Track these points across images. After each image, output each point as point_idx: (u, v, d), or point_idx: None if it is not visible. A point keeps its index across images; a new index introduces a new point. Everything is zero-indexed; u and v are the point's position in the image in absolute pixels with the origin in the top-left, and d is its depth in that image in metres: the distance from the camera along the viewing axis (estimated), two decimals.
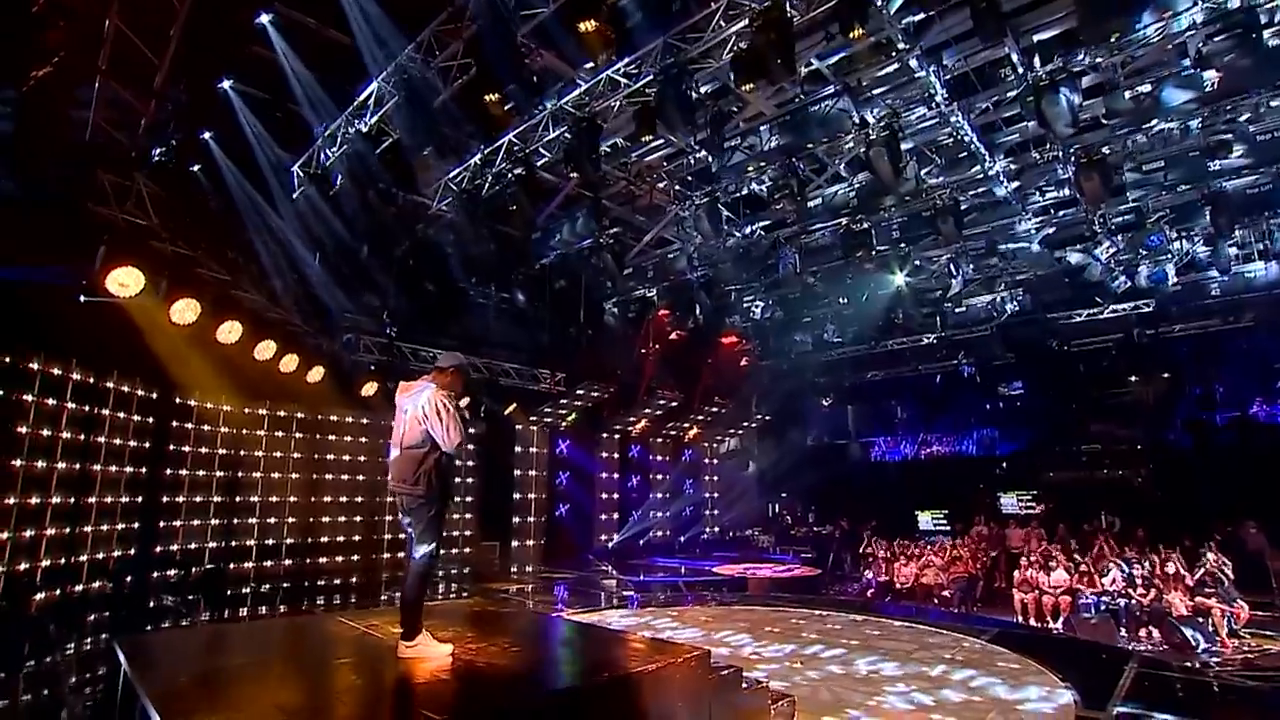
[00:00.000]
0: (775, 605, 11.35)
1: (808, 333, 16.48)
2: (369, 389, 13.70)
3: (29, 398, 8.46)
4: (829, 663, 7.46)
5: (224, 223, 8.84)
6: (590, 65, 8.70)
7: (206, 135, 7.23)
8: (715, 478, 21.43)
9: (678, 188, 13.18)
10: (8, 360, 8.20)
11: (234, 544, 11.91)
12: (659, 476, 19.63)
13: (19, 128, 5.88)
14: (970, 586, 12.68)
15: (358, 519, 13.77)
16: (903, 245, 12.64)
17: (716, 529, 20.92)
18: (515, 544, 16.21)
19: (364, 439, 14.12)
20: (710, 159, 10.92)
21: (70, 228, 7.60)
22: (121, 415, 10.07)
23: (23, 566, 8.39)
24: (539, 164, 10.51)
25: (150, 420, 10.60)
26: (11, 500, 8.14)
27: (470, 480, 15.95)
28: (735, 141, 11.05)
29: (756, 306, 15.62)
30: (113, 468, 9.91)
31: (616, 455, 18.65)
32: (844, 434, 21.81)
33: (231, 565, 11.79)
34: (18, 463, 8.30)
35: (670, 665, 4.44)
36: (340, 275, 12.95)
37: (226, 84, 6.34)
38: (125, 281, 7.97)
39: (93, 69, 6.07)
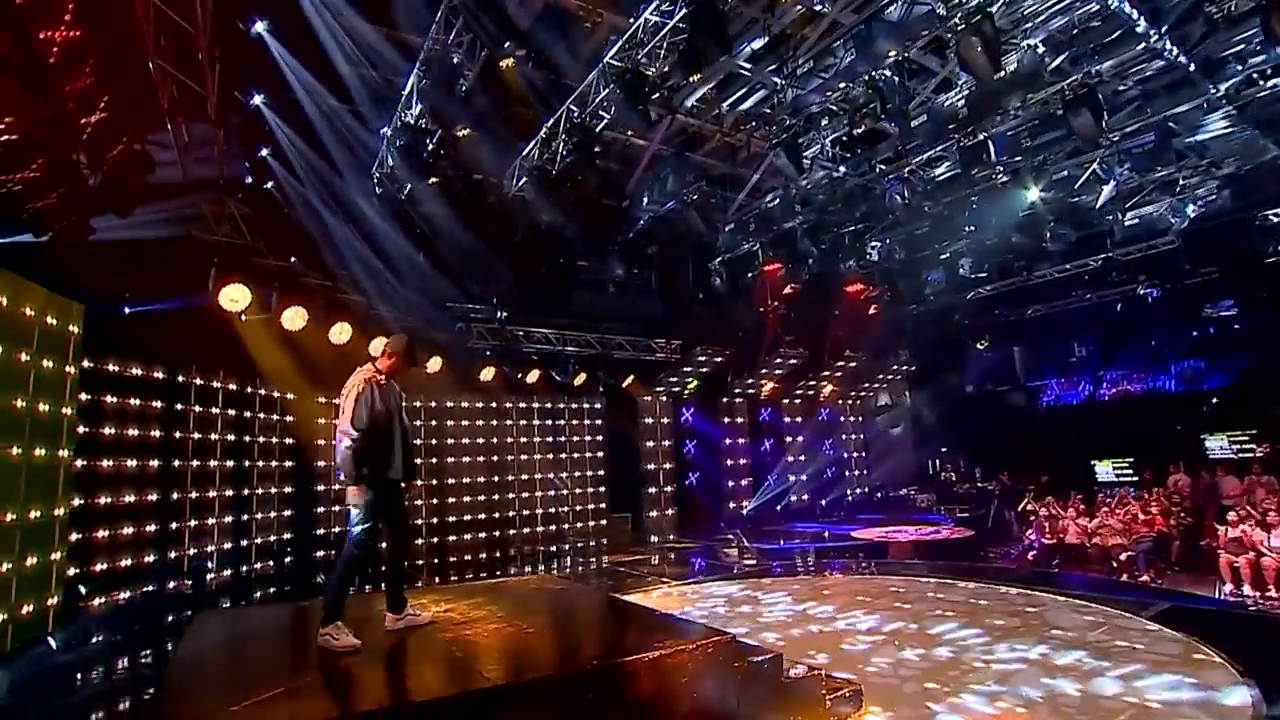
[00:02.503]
0: (913, 573, 10.25)
1: (939, 270, 14.63)
2: (486, 374, 14.31)
3: (196, 407, 9.73)
4: (937, 642, 6.52)
5: (313, 232, 9.48)
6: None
7: (265, 152, 7.73)
8: (859, 435, 20.03)
9: (771, 130, 12.20)
10: (178, 378, 9.45)
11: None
12: (794, 439, 18.71)
13: (115, 179, 6.55)
14: (1160, 548, 10.64)
15: (483, 498, 14.51)
16: (1035, 154, 10.69)
17: (864, 489, 19.58)
18: (647, 515, 16.27)
19: (487, 421, 14.80)
20: (782, 88, 9.87)
21: (187, 257, 8.51)
22: (274, 418, 11.33)
23: (201, 550, 9.73)
24: (598, 128, 10.09)
25: (296, 420, 11.81)
26: (183, 494, 9.40)
27: (599, 454, 16.22)
28: (810, 65, 9.87)
29: (873, 248, 14.12)
30: (271, 463, 11.20)
31: (745, 420, 18.02)
32: (1009, 378, 19.34)
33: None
34: (178, 463, 9.56)
35: (680, 652, 4.01)
36: (446, 267, 13.54)
37: (258, 98, 6.70)
38: (235, 297, 8.85)
39: (158, 112, 6.65)
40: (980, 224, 12.73)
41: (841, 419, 19.76)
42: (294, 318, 9.88)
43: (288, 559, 11.20)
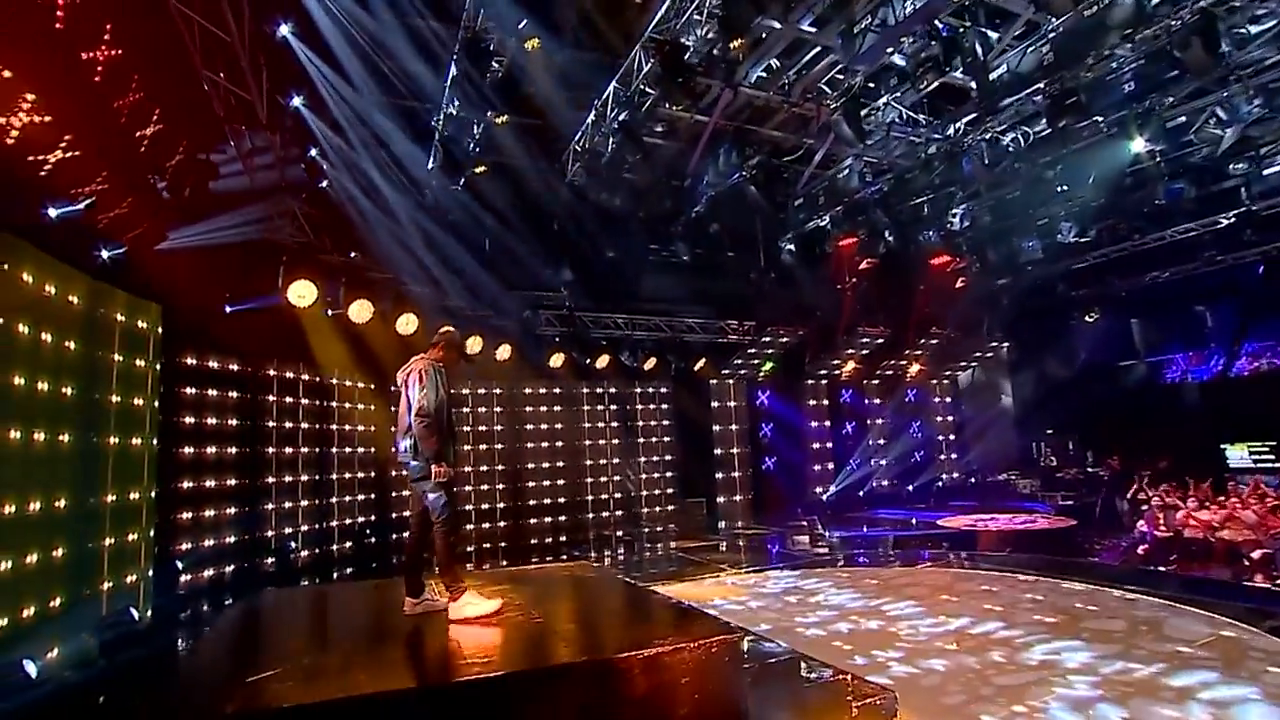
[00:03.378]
0: (1001, 565, 9.45)
1: (1034, 236, 13.33)
2: (556, 360, 14.46)
3: (272, 397, 10.41)
4: (997, 646, 5.94)
5: (371, 227, 9.83)
6: None
7: (313, 152, 8.04)
8: (951, 417, 18.80)
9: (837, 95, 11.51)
10: (260, 371, 10.14)
11: (458, 508, 13.53)
12: (878, 421, 17.80)
13: (180, 188, 7.02)
14: None
15: (556, 483, 14.73)
16: (1143, 100, 9.47)
17: (956, 475, 18.38)
18: (721, 500, 16.01)
19: (558, 407, 14.99)
20: (843, 46, 9.22)
21: (258, 257, 9.04)
22: (347, 405, 11.95)
23: (287, 531, 10.45)
24: (644, 106, 9.83)
25: (373, 408, 12.40)
26: (265, 479, 10.10)
27: (670, 439, 16.10)
28: (870, 19, 9.17)
29: (956, 216, 13.07)
30: (349, 449, 11.84)
31: (825, 402, 17.31)
32: (1127, 352, 17.49)
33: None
34: (262, 450, 10.25)
35: (681, 650, 3.82)
36: (512, 256, 13.73)
37: (297, 100, 6.95)
38: (302, 293, 9.33)
39: (215, 122, 7.05)
40: (1079, 183, 11.46)
41: (931, 399, 18.60)
42: (360, 311, 10.33)
43: (367, 540, 11.81)
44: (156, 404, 7.23)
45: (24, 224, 5.29)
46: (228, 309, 8.96)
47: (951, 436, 18.77)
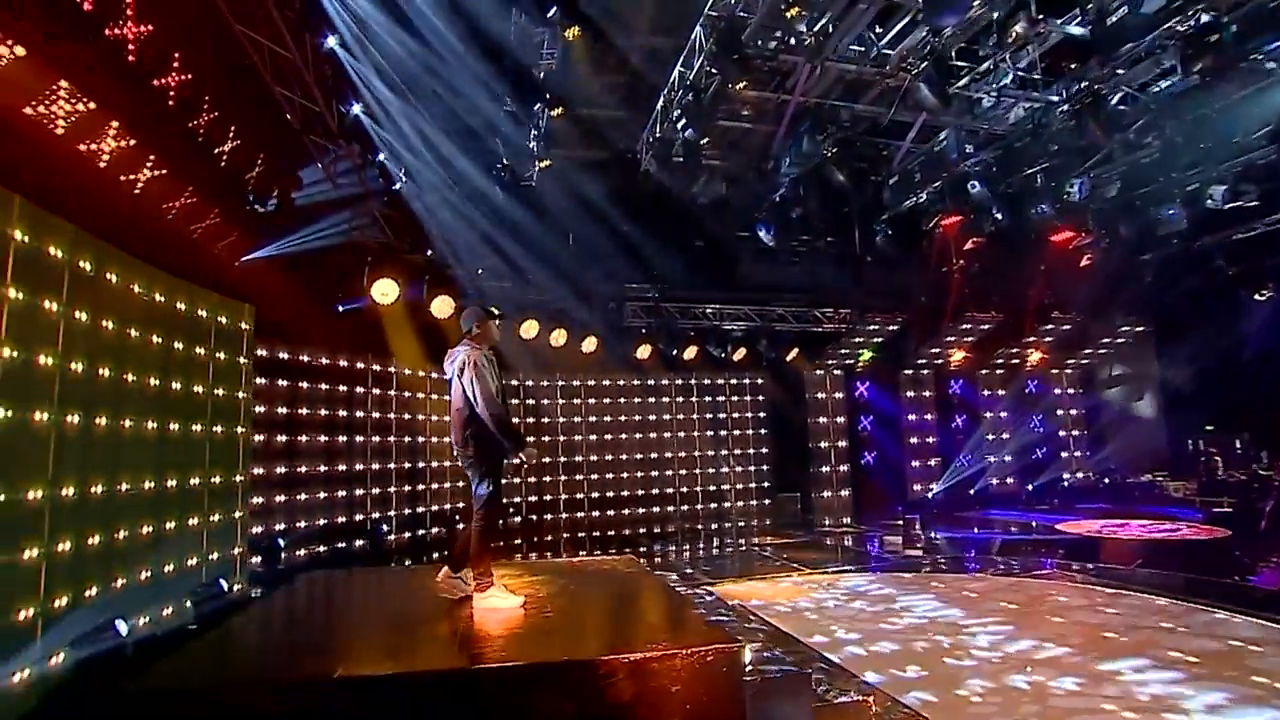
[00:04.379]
0: (1128, 581, 8.28)
1: (1176, 204, 11.60)
2: (642, 352, 14.47)
3: (360, 389, 11.15)
4: (1072, 671, 5.21)
5: (448, 226, 10.25)
6: None
7: (381, 156, 8.46)
8: (1080, 410, 16.91)
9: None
10: (354, 365, 10.92)
11: (545, 498, 13.93)
12: (992, 414, 16.34)
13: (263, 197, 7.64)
14: None
15: (651, 473, 14.73)
16: None
17: (1085, 474, 16.50)
18: (817, 495, 15.37)
19: (645, 399, 14.98)
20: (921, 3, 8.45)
21: (346, 259, 9.69)
22: (435, 397, 12.58)
23: (375, 515, 11.18)
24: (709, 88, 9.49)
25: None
26: (356, 465, 10.83)
27: (762, 432, 15.67)
28: None
29: (1074, 186, 11.63)
30: (435, 439, 12.47)
31: (931, 393, 16.12)
32: None
33: (546, 516, 13.83)
34: (357, 438, 11.00)
35: (671, 657, 3.66)
36: (597, 248, 13.83)
37: (357, 108, 7.32)
38: (385, 291, 9.90)
39: (292, 134, 7.60)
40: (1231, 139, 9.85)
41: (1054, 391, 16.80)
42: (442, 306, 10.82)
43: (459, 526, 12.40)
44: (249, 395, 7.94)
45: (125, 238, 5.91)
46: (321, 308, 9.71)
47: (1080, 432, 16.88)
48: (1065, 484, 16.14)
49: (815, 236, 15.01)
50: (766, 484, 15.45)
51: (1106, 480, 15.96)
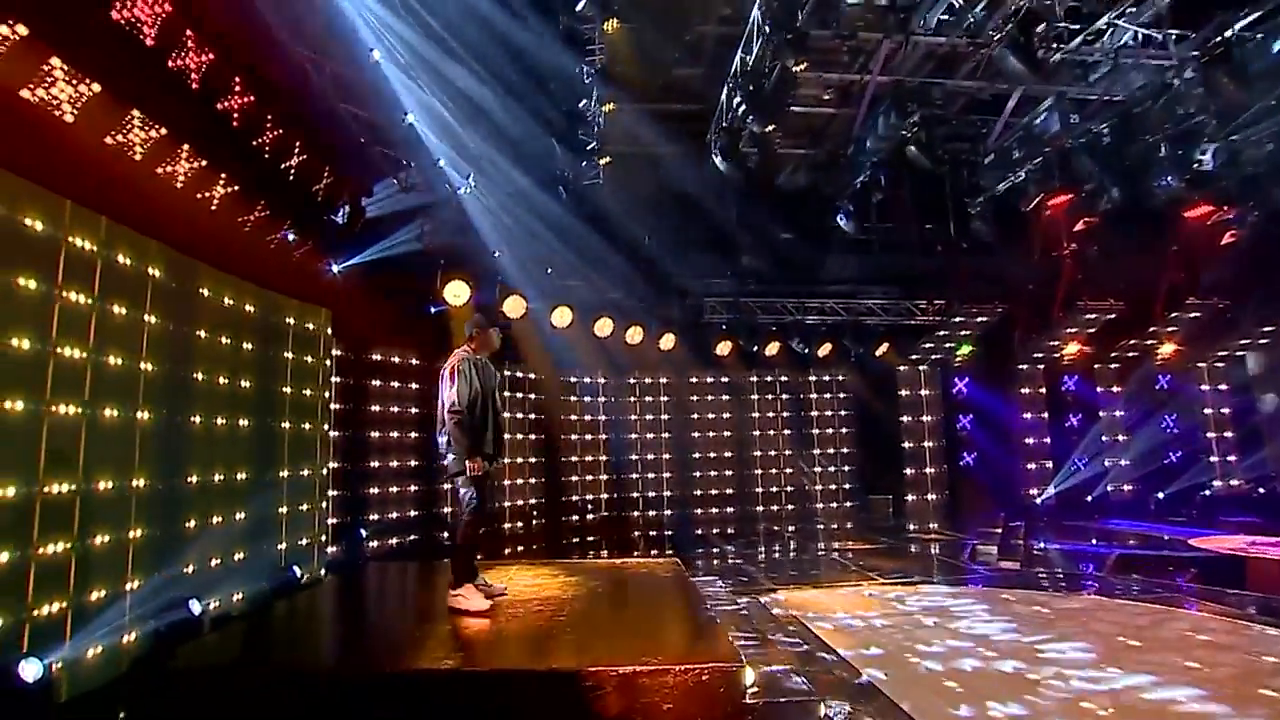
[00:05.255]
0: (1254, 611, 7.17)
1: None
2: (723, 349, 14.20)
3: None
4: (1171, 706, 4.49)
5: (515, 228, 10.47)
6: None
7: (440, 162, 8.74)
8: (1224, 409, 14.85)
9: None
10: (434, 364, 11.44)
11: (625, 495, 13.98)
12: (1114, 413, 14.69)
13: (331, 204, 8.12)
14: None
15: (729, 472, 14.44)
16: None
17: (1235, 481, 14.47)
18: (910, 498, 14.48)
19: (725, 397, 14.69)
20: None
21: (420, 263, 10.15)
22: (519, 395, 12.93)
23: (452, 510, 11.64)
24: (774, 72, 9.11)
25: (537, 397, 13.27)
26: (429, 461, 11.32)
27: (849, 430, 14.96)
28: None
29: (1206, 154, 10.19)
30: (514, 436, 12.82)
31: (1042, 390, 14.73)
32: None
33: (622, 513, 13.88)
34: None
35: (662, 672, 3.52)
36: (674, 243, 13.68)
37: (410, 117, 7.58)
38: (457, 292, 10.27)
39: (357, 146, 8.02)
40: None
41: (1193, 386, 14.84)
42: (514, 306, 11.09)
43: (535, 521, 12.68)
44: (328, 394, 8.47)
45: (204, 251, 6.44)
46: (397, 310, 10.21)
47: (1228, 433, 14.83)
48: (1207, 493, 14.25)
49: (904, 224, 14.16)
50: (854, 485, 14.75)
51: (1262, 490, 13.93)
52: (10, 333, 4.54)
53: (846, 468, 14.76)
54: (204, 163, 6.08)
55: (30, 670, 4.28)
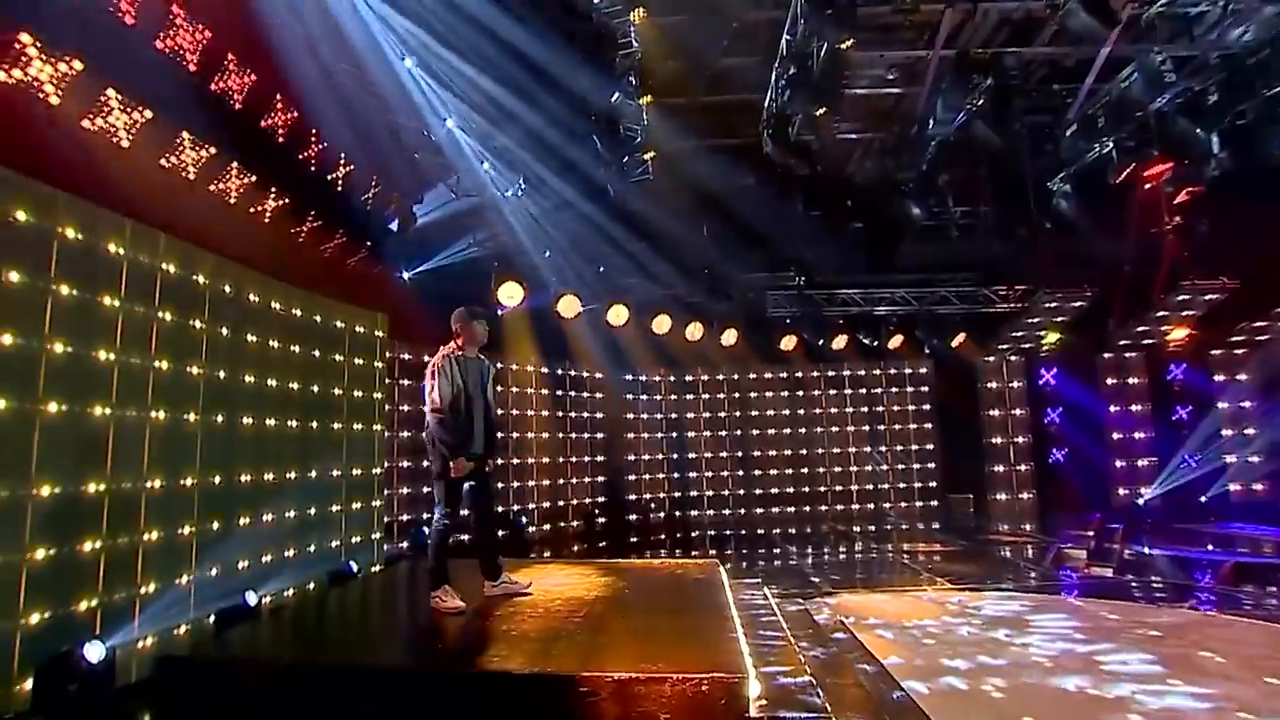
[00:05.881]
0: None
1: None
2: (787, 343, 13.79)
3: (502, 389, 11.87)
4: None
5: (566, 226, 10.52)
6: None
7: (485, 166, 8.86)
8: None
9: None
10: (496, 364, 11.71)
11: (689, 494, 13.82)
12: (1229, 404, 13.19)
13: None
14: None
15: (795, 471, 14.00)
16: None
17: None
18: (994, 497, 13.57)
19: (790, 393, 14.26)
20: None
21: (477, 265, 10.38)
22: (577, 394, 13.03)
23: (519, 507, 11.84)
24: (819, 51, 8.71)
25: (600, 396, 13.32)
26: (501, 460, 11.54)
27: (925, 426, 14.20)
28: None
29: None
30: (575, 434, 12.93)
31: (1143, 380, 13.45)
32: None
33: (685, 512, 13.73)
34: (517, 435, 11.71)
35: (659, 681, 3.39)
36: (733, 236, 13.38)
37: (450, 122, 7.69)
38: (511, 294, 10.43)
39: (406, 157, 8.28)
40: None
41: None
42: (568, 306, 11.16)
43: (598, 520, 12.72)
44: (384, 395, 8.79)
45: (260, 261, 6.81)
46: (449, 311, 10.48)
47: None
48: None
49: (980, 206, 13.29)
50: (932, 484, 13.97)
51: None
52: (91, 345, 4.96)
53: (922, 465, 14.00)
54: (253, 178, 6.42)
55: (94, 652, 4.61)
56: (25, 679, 4.39)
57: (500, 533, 11.09)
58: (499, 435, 5.42)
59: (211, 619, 5.71)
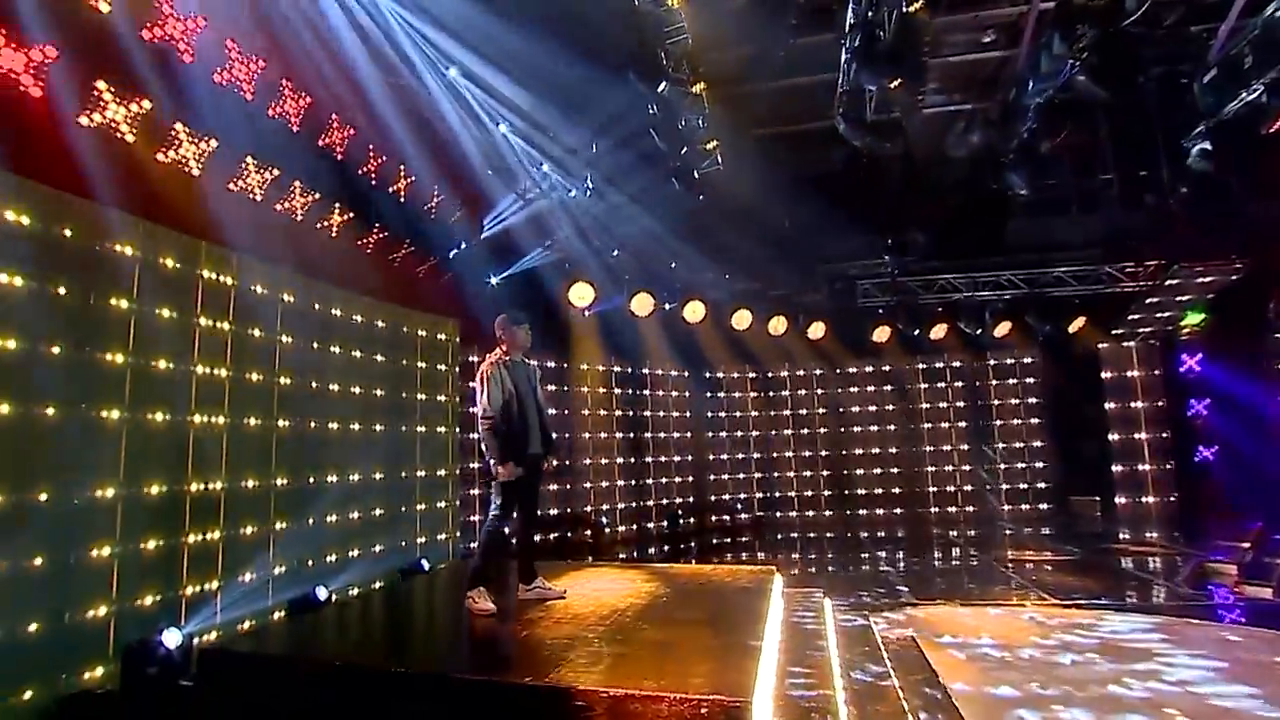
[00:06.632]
0: None
1: None
2: (880, 335, 13.00)
3: (584, 388, 11.95)
4: None
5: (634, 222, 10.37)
6: None
7: (545, 166, 8.87)
8: None
9: None
10: (575, 365, 11.82)
11: (775, 495, 13.34)
12: None
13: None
14: None
15: (891, 471, 13.15)
16: None
17: None
18: (1124, 500, 12.07)
19: (885, 387, 13.42)
20: None
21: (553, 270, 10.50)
22: (660, 393, 12.91)
23: (603, 507, 11.87)
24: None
25: (686, 394, 13.12)
26: (588, 461, 11.62)
27: (1038, 421, 12.90)
28: None
29: None
30: (660, 434, 12.80)
31: None
32: None
33: (773, 514, 13.26)
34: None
35: (656, 699, 3.19)
36: (820, 224, 12.74)
37: (503, 127, 7.71)
38: (582, 294, 10.47)
39: (466, 166, 8.47)
40: None
41: None
42: (642, 304, 11.06)
43: (681, 520, 12.52)
44: (456, 398, 9.07)
45: (328, 272, 7.19)
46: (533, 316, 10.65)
47: None
48: None
49: (1098, 174, 11.91)
50: (1045, 485, 12.65)
51: None
52: (156, 355, 5.43)
53: (1035, 464, 12.71)
54: (317, 196, 6.78)
55: (171, 639, 5.01)
56: (117, 660, 4.86)
57: (586, 532, 11.25)
58: (554, 435, 5.40)
59: (277, 614, 6.08)
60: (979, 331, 12.55)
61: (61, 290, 4.73)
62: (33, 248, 4.55)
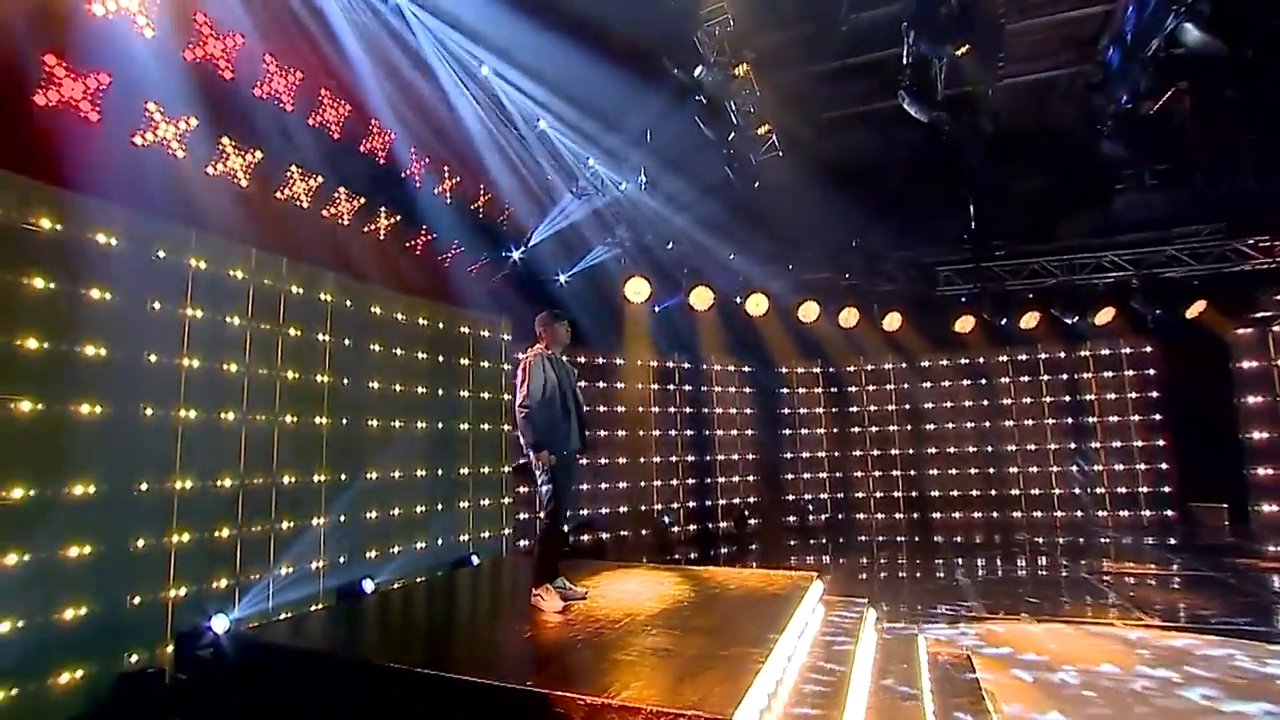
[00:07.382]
0: None
1: None
2: (963, 325, 12.12)
3: (655, 386, 11.81)
4: None
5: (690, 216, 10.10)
6: None
7: (590, 161, 8.72)
8: None
9: None
10: (634, 362, 11.72)
11: (853, 495, 12.69)
12: None
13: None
14: None
15: (975, 471, 12.19)
16: None
17: None
18: (1257, 507, 10.62)
19: (968, 381, 12.47)
20: None
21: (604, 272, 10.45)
22: (717, 389, 12.57)
23: (668, 506, 11.69)
24: None
25: (749, 390, 12.72)
26: (656, 459, 11.50)
27: (1152, 417, 11.57)
28: None
29: None
30: (723, 431, 12.46)
31: None
32: None
33: (849, 515, 12.61)
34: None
35: (633, 711, 3.02)
36: (893, 210, 12.01)
37: (541, 124, 7.61)
38: (638, 290, 10.33)
39: (511, 164, 8.53)
40: None
41: None
42: (700, 298, 10.78)
43: (748, 520, 12.15)
44: (508, 397, 9.14)
45: (380, 275, 7.43)
46: (588, 312, 10.64)
47: None
48: None
49: (1222, 140, 10.54)
50: (1163, 489, 11.33)
51: None
52: (218, 358, 5.76)
53: (1148, 465, 11.37)
54: (362, 200, 7.00)
55: (220, 624, 5.30)
56: (172, 642, 5.20)
57: (644, 532, 11.12)
58: (588, 433, 5.34)
59: (316, 606, 6.30)
60: (1077, 319, 11.42)
61: (155, 304, 5.18)
62: (110, 263, 4.95)
